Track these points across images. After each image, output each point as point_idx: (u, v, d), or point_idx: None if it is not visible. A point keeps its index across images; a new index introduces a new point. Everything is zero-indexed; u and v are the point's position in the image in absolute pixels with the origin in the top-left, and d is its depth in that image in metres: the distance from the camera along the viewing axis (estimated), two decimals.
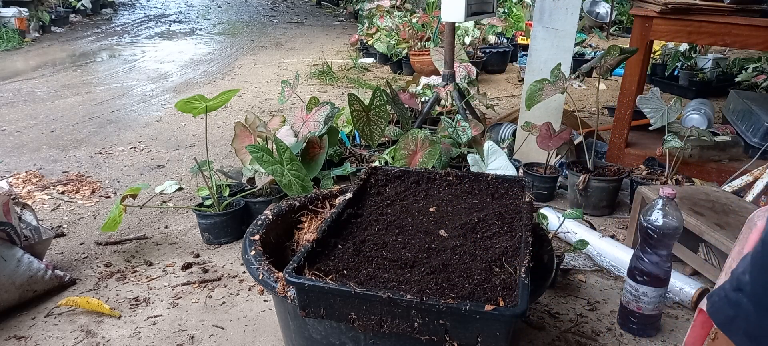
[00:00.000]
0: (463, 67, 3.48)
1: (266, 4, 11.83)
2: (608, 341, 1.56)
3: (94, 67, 5.59)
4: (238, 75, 5.33)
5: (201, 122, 3.56)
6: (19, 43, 6.50)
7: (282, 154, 1.98)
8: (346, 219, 1.26)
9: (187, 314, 1.65)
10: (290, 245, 1.47)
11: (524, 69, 3.32)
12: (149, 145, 3.27)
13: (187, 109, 1.98)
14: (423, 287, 0.98)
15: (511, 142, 2.87)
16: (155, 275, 1.86)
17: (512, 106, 4.00)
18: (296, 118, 2.42)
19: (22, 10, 6.90)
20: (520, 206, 1.32)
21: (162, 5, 10.95)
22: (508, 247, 1.12)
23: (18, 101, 4.19)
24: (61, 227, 2.21)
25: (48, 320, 1.62)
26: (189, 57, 6.26)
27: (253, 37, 7.80)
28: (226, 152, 3.10)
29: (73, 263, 1.94)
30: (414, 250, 1.13)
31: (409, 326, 0.94)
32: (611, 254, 1.91)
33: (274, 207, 1.47)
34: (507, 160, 2.20)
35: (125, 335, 1.55)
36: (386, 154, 2.39)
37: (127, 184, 2.66)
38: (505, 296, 0.95)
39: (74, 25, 8.22)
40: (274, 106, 4.14)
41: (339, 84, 4.94)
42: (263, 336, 1.55)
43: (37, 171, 2.79)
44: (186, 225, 2.24)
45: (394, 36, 5.50)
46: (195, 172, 2.18)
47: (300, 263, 1.02)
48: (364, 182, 1.44)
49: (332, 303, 0.98)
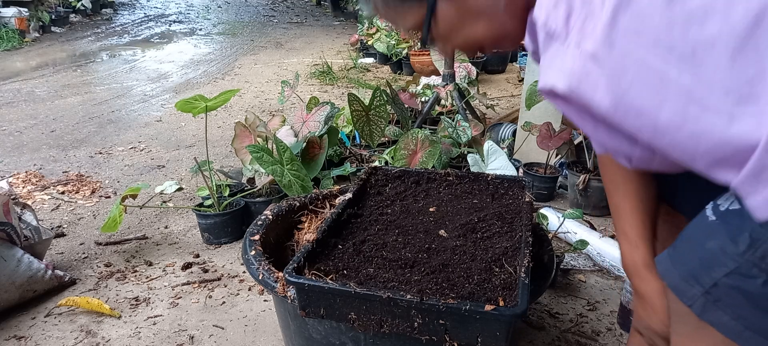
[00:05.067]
0: (463, 67, 3.48)
1: (266, 4, 11.83)
2: (608, 341, 1.56)
3: (94, 67, 5.60)
4: (238, 75, 5.34)
5: (201, 122, 3.56)
6: (19, 43, 6.50)
7: (282, 154, 1.98)
8: (346, 219, 1.26)
9: (187, 314, 1.65)
10: (290, 245, 1.47)
11: (524, 69, 3.32)
12: (149, 145, 3.27)
13: (187, 109, 1.98)
14: (423, 287, 0.98)
15: (511, 142, 2.87)
16: (155, 275, 1.86)
17: (512, 106, 4.00)
18: (296, 118, 2.42)
19: (22, 10, 6.91)
20: (520, 206, 1.32)
21: (162, 5, 10.96)
22: (508, 247, 1.12)
23: (18, 101, 4.19)
24: (61, 227, 2.21)
25: (48, 320, 1.62)
26: (189, 57, 6.26)
27: (253, 37, 7.80)
28: (226, 152, 3.10)
29: (73, 263, 1.94)
30: (414, 250, 1.13)
31: (409, 326, 0.94)
32: (611, 254, 1.91)
33: (274, 207, 1.47)
34: (507, 160, 2.20)
35: (125, 335, 1.55)
36: (386, 154, 2.39)
37: (127, 184, 2.66)
38: (505, 296, 0.95)
39: (74, 25, 8.22)
40: (274, 106, 4.14)
41: (339, 84, 4.94)
42: (263, 336, 1.55)
43: (37, 171, 2.79)
44: (186, 225, 2.24)
45: (394, 36, 5.50)
46: (195, 172, 2.18)
47: (300, 263, 1.02)
48: (364, 182, 1.44)
49: (332, 303, 0.97)
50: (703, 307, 0.67)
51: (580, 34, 0.61)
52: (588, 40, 0.60)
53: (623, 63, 0.58)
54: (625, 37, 0.57)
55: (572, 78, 0.63)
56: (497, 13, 0.80)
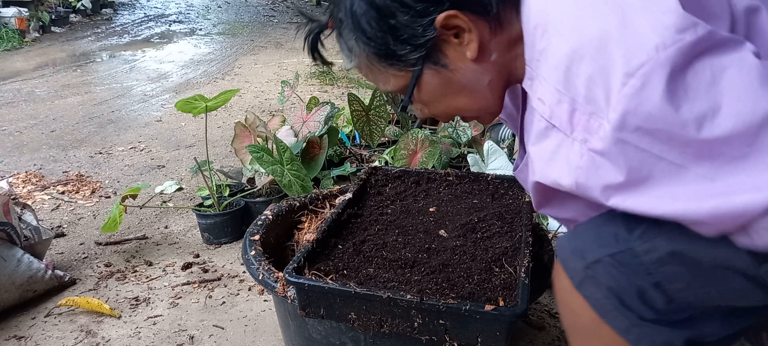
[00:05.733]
0: None
1: (266, 4, 11.83)
2: None
3: (94, 67, 5.60)
4: (238, 75, 5.34)
5: (201, 122, 3.56)
6: (19, 43, 6.50)
7: (282, 154, 1.98)
8: (346, 219, 1.26)
9: (187, 314, 1.65)
10: (290, 245, 1.48)
11: None
12: (149, 145, 3.27)
13: (187, 109, 1.98)
14: (423, 287, 0.98)
15: (511, 142, 2.87)
16: (155, 275, 1.86)
17: None
18: (296, 118, 2.42)
19: (22, 10, 6.91)
20: (520, 205, 1.32)
21: (162, 5, 10.96)
22: (508, 247, 1.12)
23: (18, 101, 4.19)
24: (61, 227, 2.21)
25: (48, 320, 1.62)
26: (189, 57, 6.26)
27: (253, 37, 7.80)
28: (226, 152, 3.10)
29: (73, 263, 1.94)
30: (414, 250, 1.13)
31: (409, 326, 0.94)
32: None
33: (274, 207, 1.47)
34: (507, 160, 2.20)
35: (125, 335, 1.55)
36: (386, 154, 2.39)
37: (127, 184, 2.66)
38: (505, 296, 0.95)
39: (74, 25, 8.22)
40: (274, 106, 4.14)
41: (339, 84, 4.94)
42: (263, 336, 1.55)
43: (37, 171, 2.79)
44: (186, 225, 2.24)
45: None
46: (195, 172, 2.18)
47: (300, 263, 1.02)
48: (364, 182, 1.44)
49: (332, 303, 0.98)
50: (581, 281, 0.71)
51: (586, 131, 0.62)
52: (595, 138, 0.62)
53: (639, 159, 0.60)
54: (637, 135, 0.59)
55: (579, 173, 0.65)
56: (481, 88, 0.80)
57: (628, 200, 0.62)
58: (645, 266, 0.66)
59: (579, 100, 0.62)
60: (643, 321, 0.68)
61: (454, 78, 0.79)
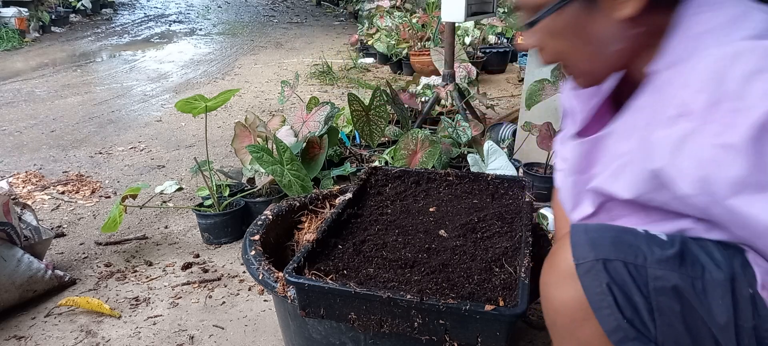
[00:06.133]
0: (463, 67, 3.48)
1: (266, 4, 11.83)
2: None
3: (94, 67, 5.60)
4: (238, 75, 5.34)
5: (201, 122, 3.56)
6: (19, 43, 6.50)
7: (282, 154, 1.98)
8: (346, 219, 1.26)
9: (187, 314, 1.65)
10: (290, 245, 1.48)
11: (524, 69, 3.32)
12: (149, 145, 3.27)
13: (187, 109, 1.98)
14: (423, 287, 0.98)
15: (511, 142, 2.87)
16: (155, 275, 1.86)
17: (512, 106, 4.00)
18: (296, 118, 2.42)
19: (22, 10, 6.91)
20: (520, 206, 1.32)
21: (162, 5, 10.96)
22: (508, 247, 1.12)
23: (18, 101, 4.19)
24: (61, 227, 2.21)
25: (48, 320, 1.62)
26: (189, 57, 6.26)
27: (253, 37, 7.80)
28: (226, 152, 3.10)
29: (73, 263, 1.94)
30: (414, 250, 1.13)
31: (409, 326, 0.94)
32: None
33: (274, 207, 1.47)
34: (507, 160, 2.20)
35: (125, 335, 1.55)
36: (386, 154, 2.39)
37: (127, 184, 2.67)
38: (505, 296, 0.95)
39: (74, 25, 8.23)
40: (274, 106, 4.14)
41: (339, 84, 4.94)
42: (263, 336, 1.55)
43: (37, 171, 2.79)
44: (186, 225, 2.24)
45: (394, 36, 5.50)
46: (195, 172, 2.18)
47: (300, 263, 1.02)
48: (364, 182, 1.44)
49: (332, 303, 0.98)
50: (588, 268, 0.72)
51: (722, 125, 0.64)
52: (733, 132, 0.63)
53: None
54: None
55: (709, 165, 0.66)
56: (609, 51, 0.79)
57: (754, 201, 0.63)
58: (649, 289, 0.69)
59: (724, 93, 0.64)
60: (631, 327, 0.70)
61: (593, 26, 0.77)
